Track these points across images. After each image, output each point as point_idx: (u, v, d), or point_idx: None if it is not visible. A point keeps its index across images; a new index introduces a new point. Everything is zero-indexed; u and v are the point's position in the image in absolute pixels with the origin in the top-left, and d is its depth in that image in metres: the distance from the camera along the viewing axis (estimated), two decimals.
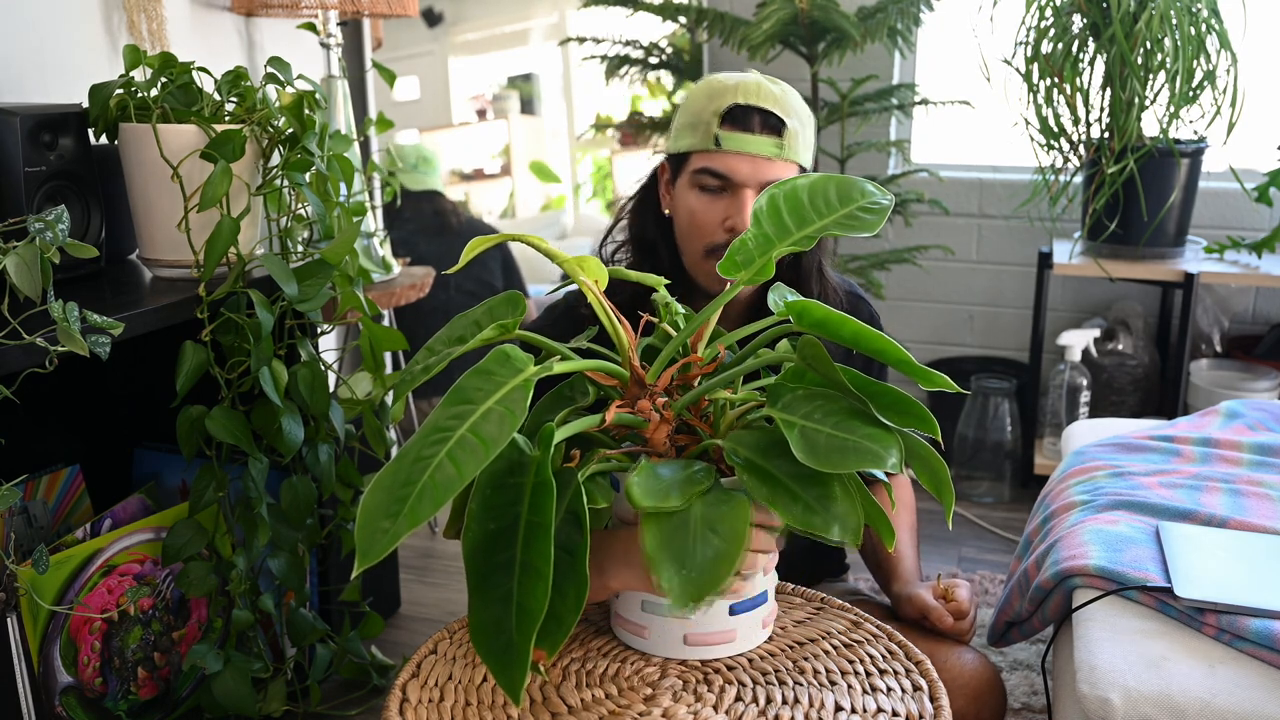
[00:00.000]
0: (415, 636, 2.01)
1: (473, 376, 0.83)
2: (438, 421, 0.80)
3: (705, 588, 0.79)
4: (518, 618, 0.78)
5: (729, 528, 0.82)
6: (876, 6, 2.46)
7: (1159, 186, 2.29)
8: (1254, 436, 1.58)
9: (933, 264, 2.83)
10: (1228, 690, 1.03)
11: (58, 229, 1.20)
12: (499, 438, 0.79)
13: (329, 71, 2.10)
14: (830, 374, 0.87)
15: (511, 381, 0.82)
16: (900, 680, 0.95)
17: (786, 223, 0.97)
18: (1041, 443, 2.63)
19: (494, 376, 0.83)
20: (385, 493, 0.77)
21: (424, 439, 0.79)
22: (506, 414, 0.80)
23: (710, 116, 1.25)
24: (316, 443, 1.59)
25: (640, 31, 2.83)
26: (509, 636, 0.78)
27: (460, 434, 0.79)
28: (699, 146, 1.26)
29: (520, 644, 0.77)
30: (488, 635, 0.79)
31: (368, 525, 0.77)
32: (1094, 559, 1.22)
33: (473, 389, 0.82)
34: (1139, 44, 2.16)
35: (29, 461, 1.60)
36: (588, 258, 0.90)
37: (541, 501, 0.80)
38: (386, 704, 0.92)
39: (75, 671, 1.48)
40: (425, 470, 0.77)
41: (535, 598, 0.77)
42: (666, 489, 0.83)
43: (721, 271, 0.94)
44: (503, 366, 0.84)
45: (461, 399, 0.81)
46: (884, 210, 0.99)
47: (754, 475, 0.84)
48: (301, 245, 1.58)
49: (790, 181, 1.00)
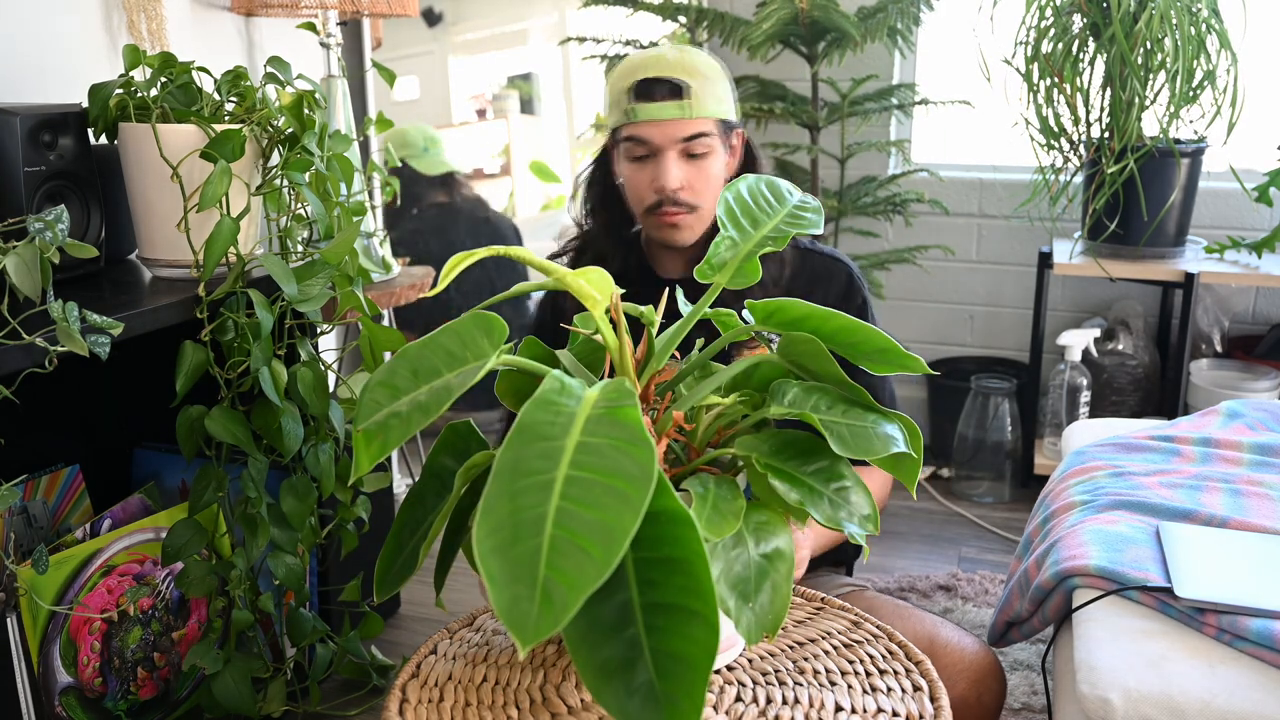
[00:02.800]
0: (415, 636, 2.01)
1: (537, 410, 0.71)
2: (519, 464, 0.66)
3: (776, 621, 0.77)
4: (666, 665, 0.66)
5: (777, 550, 0.80)
6: (876, 6, 2.46)
7: (1159, 186, 2.29)
8: (1254, 436, 1.58)
9: (933, 264, 2.83)
10: (1228, 690, 1.03)
11: (57, 229, 1.20)
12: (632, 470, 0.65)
13: (329, 71, 2.10)
14: (830, 370, 0.86)
15: (583, 412, 0.71)
16: (900, 680, 0.95)
17: (743, 223, 0.98)
18: (1041, 443, 2.63)
19: (558, 408, 0.72)
20: (504, 560, 0.62)
21: (509, 484, 0.65)
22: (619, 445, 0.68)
23: (622, 94, 1.42)
24: (316, 443, 1.59)
25: (640, 31, 2.83)
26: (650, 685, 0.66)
27: (571, 474, 0.65)
28: (620, 121, 1.43)
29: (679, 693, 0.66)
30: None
31: (511, 610, 0.60)
32: (1094, 559, 1.22)
33: (545, 423, 0.70)
34: (1139, 44, 2.16)
35: (29, 461, 1.60)
36: (590, 270, 0.84)
37: (683, 535, 0.68)
38: (386, 704, 0.92)
39: (75, 671, 1.48)
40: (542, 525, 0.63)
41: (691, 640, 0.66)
42: (721, 515, 0.79)
43: (700, 276, 0.94)
44: (562, 395, 0.73)
45: (537, 434, 0.69)
46: (817, 209, 1.01)
47: (782, 479, 0.83)
48: (301, 245, 1.58)
49: (734, 185, 1.01)
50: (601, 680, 0.67)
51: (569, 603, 0.59)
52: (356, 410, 0.78)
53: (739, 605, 0.77)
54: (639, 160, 1.43)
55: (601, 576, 0.60)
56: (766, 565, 0.79)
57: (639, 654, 0.67)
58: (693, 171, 1.42)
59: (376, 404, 0.78)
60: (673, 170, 1.40)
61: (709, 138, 1.42)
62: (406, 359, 0.79)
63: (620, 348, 0.88)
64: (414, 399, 0.78)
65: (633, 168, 1.45)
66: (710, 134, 1.42)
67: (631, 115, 1.41)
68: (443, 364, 0.79)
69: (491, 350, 0.80)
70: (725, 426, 0.92)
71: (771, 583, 0.78)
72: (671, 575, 0.68)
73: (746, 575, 0.79)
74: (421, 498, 0.91)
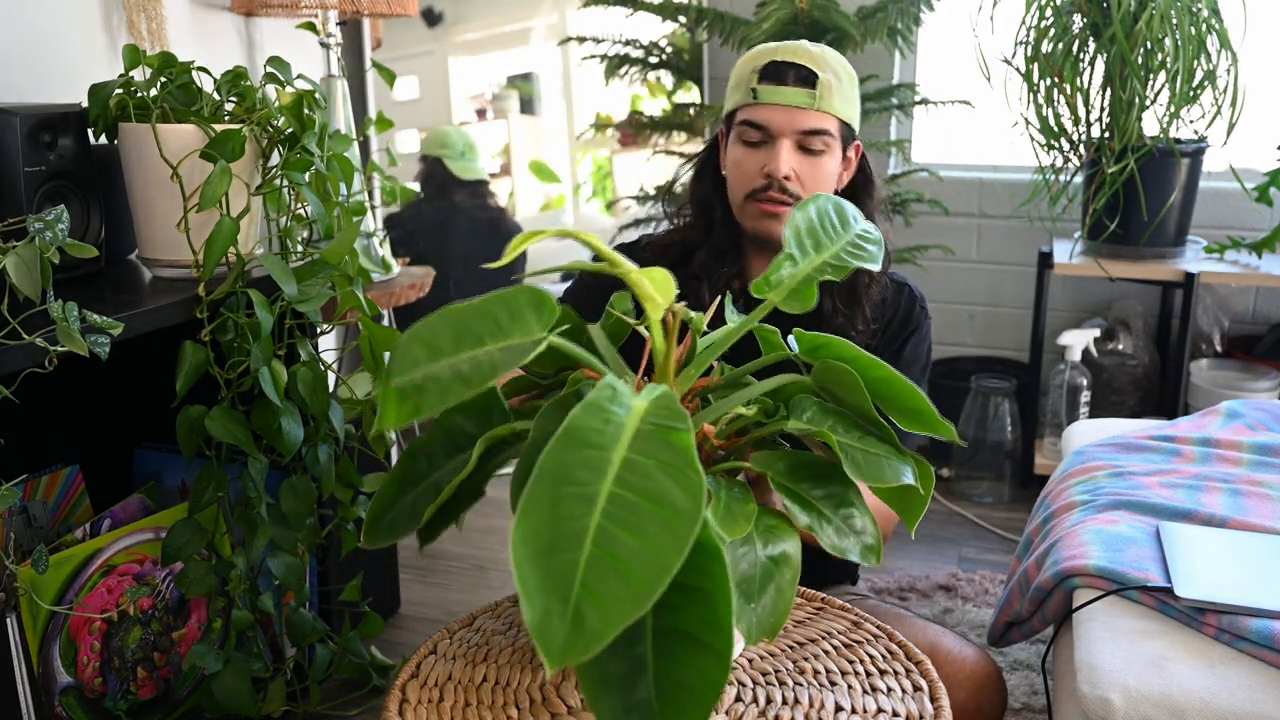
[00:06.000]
0: (415, 636, 2.01)
1: (586, 415, 0.68)
2: (561, 468, 0.64)
3: (777, 624, 0.76)
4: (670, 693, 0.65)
5: (784, 554, 0.80)
6: (876, 6, 2.46)
7: (1159, 186, 2.29)
8: (1254, 436, 1.58)
9: (933, 264, 2.83)
10: (1228, 690, 1.03)
11: (57, 229, 1.20)
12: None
13: (329, 71, 2.10)
14: (862, 404, 0.85)
15: (631, 424, 0.70)
16: (900, 680, 0.95)
17: (806, 244, 0.96)
18: (1041, 443, 2.63)
19: (607, 415, 0.69)
20: (538, 559, 0.61)
21: (551, 490, 0.63)
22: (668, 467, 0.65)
23: (749, 74, 1.36)
24: (316, 443, 1.59)
25: (640, 31, 2.83)
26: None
27: (614, 492, 0.63)
28: (740, 102, 1.37)
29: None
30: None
31: (542, 621, 0.59)
32: (1094, 559, 1.22)
33: (594, 430, 0.67)
34: (1139, 44, 2.16)
35: (29, 461, 1.60)
36: (655, 271, 0.81)
37: (711, 567, 0.67)
38: (386, 704, 0.92)
39: (75, 671, 1.48)
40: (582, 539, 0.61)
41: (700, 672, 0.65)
42: (734, 517, 0.79)
43: (755, 291, 0.93)
44: (613, 402, 0.71)
45: (584, 440, 0.66)
46: (878, 241, 0.99)
47: (795, 501, 0.82)
48: (301, 245, 1.58)
49: (806, 204, 0.98)
50: (600, 691, 0.67)
51: (601, 632, 0.58)
52: (390, 361, 0.74)
53: (741, 604, 0.77)
54: (752, 145, 1.37)
55: (638, 610, 0.58)
56: (772, 567, 0.79)
57: (642, 673, 0.67)
58: (806, 164, 1.36)
59: (414, 360, 0.74)
60: (785, 155, 1.34)
61: (829, 137, 1.36)
62: (450, 319, 0.76)
63: (667, 353, 0.86)
64: (455, 367, 0.74)
65: (744, 151, 1.37)
66: (831, 134, 1.36)
67: (755, 96, 1.35)
68: (487, 333, 0.76)
69: (540, 330, 0.77)
70: (737, 432, 0.92)
71: (776, 585, 0.78)
72: (692, 604, 0.67)
73: (752, 575, 0.78)
74: (428, 452, 0.87)
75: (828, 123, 1.35)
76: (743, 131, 1.37)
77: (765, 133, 1.35)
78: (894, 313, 1.45)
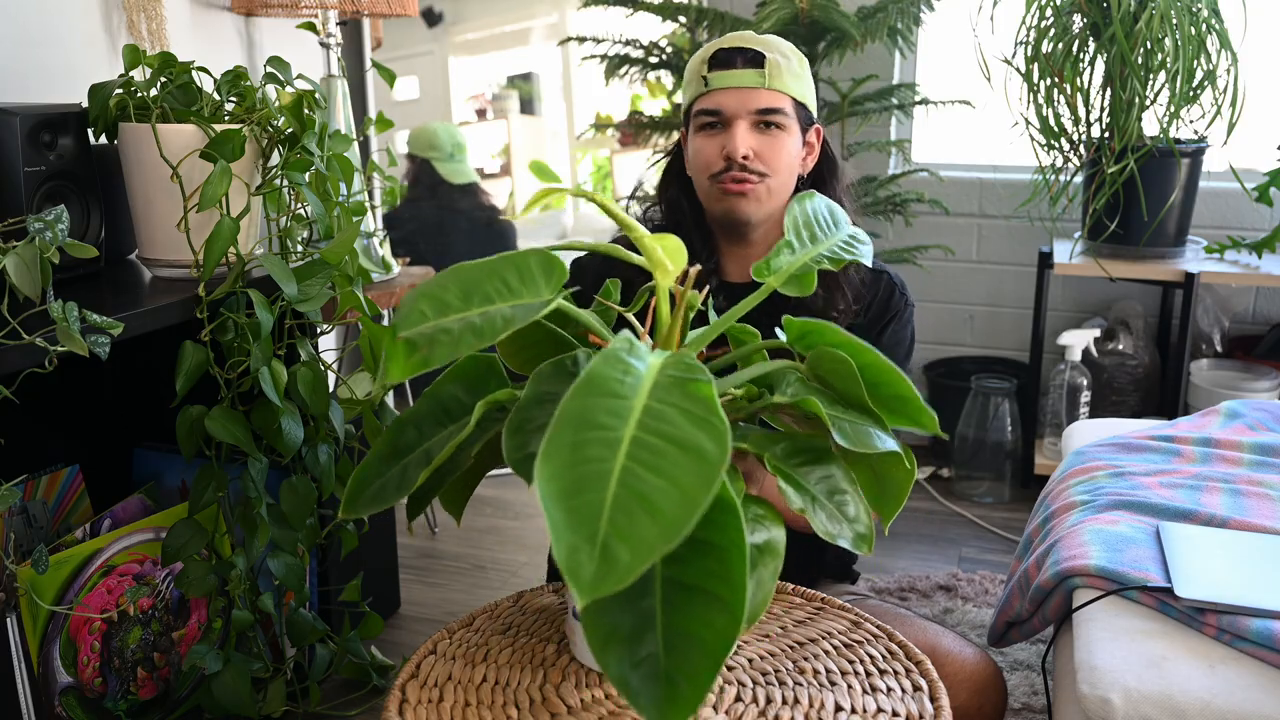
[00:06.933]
0: (415, 637, 2.01)
1: (605, 365, 0.69)
2: (584, 414, 0.64)
3: (755, 613, 0.76)
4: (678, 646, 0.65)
5: (769, 543, 0.79)
6: (876, 6, 2.46)
7: (1159, 186, 2.29)
8: (1254, 436, 1.58)
9: (933, 264, 2.83)
10: (1228, 690, 1.03)
11: (57, 229, 1.20)
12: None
13: (329, 71, 2.09)
14: (855, 392, 0.85)
15: (650, 376, 0.70)
16: (900, 680, 0.95)
17: (804, 236, 0.98)
18: (1042, 443, 2.63)
19: (626, 366, 0.70)
20: (564, 500, 0.61)
21: (573, 435, 0.63)
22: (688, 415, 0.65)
23: (700, 66, 1.40)
24: (316, 443, 1.59)
25: (640, 31, 2.82)
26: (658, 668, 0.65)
27: (638, 437, 0.64)
28: (695, 94, 1.41)
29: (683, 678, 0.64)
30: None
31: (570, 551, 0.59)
32: (1094, 559, 1.22)
33: (614, 379, 0.68)
34: (1139, 44, 2.16)
35: (29, 461, 1.60)
36: (667, 236, 0.83)
37: (727, 521, 0.67)
38: (386, 704, 0.92)
39: (75, 671, 1.48)
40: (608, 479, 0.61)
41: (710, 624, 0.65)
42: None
43: (755, 274, 0.94)
44: (631, 354, 0.71)
45: (604, 389, 0.66)
46: (867, 242, 1.02)
47: (791, 484, 0.82)
48: (301, 245, 1.58)
49: (803, 198, 1.01)
50: (606, 645, 0.66)
51: (631, 566, 0.57)
52: (396, 316, 0.73)
53: None
54: (709, 129, 1.39)
55: (668, 544, 0.58)
56: (756, 556, 0.78)
57: (650, 627, 0.66)
58: (765, 142, 1.37)
59: (422, 314, 0.74)
60: (742, 135, 1.36)
61: (784, 115, 1.37)
62: (459, 277, 0.76)
63: (673, 323, 0.87)
64: (466, 319, 0.74)
65: (703, 138, 1.40)
66: (785, 112, 1.38)
67: (707, 84, 1.37)
68: (496, 293, 0.76)
69: (550, 292, 0.78)
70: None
71: (758, 575, 0.78)
72: (703, 558, 0.66)
73: None
74: (418, 422, 0.86)
75: (781, 101, 1.38)
76: (700, 120, 1.40)
77: (720, 117, 1.38)
78: (873, 298, 1.46)
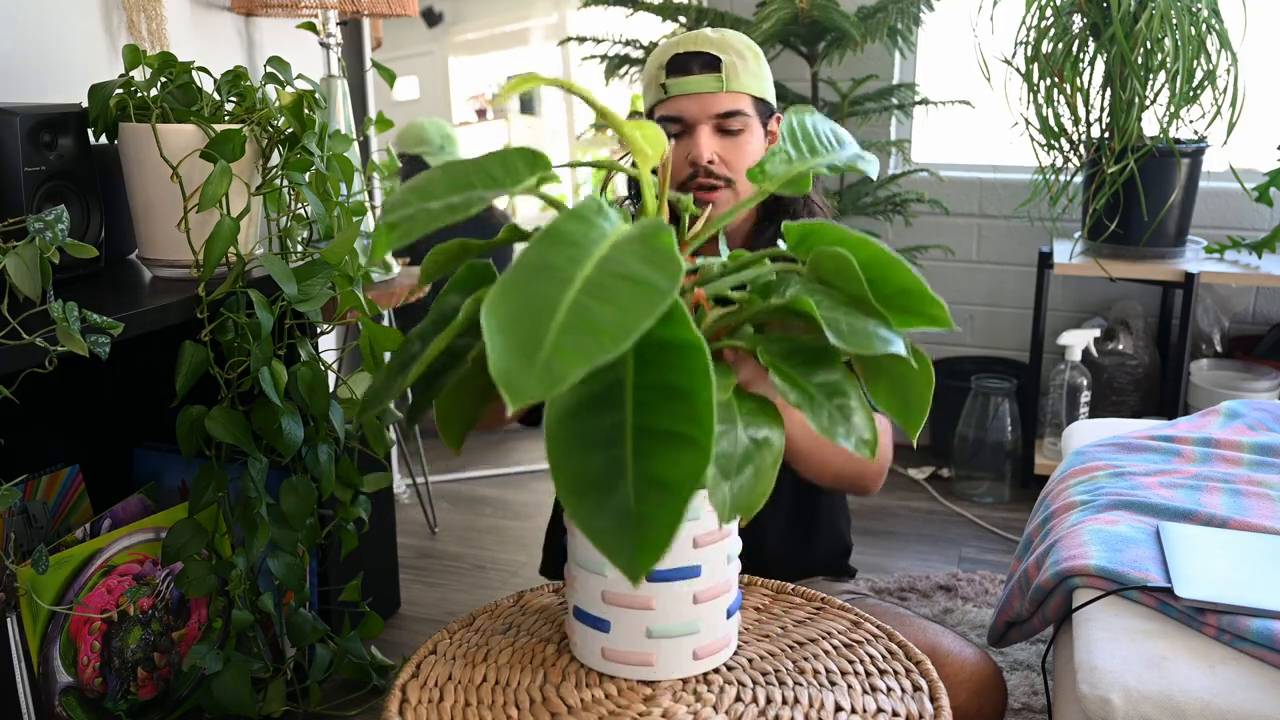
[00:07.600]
0: (415, 636, 2.01)
1: (570, 221, 0.70)
2: (544, 259, 0.65)
3: (753, 504, 0.75)
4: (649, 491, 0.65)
5: (766, 438, 0.78)
6: (876, 6, 2.46)
7: (1159, 186, 2.29)
8: (1254, 436, 1.58)
9: (933, 264, 2.83)
10: (1228, 690, 1.03)
11: (57, 229, 1.20)
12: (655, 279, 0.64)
13: (329, 71, 2.10)
14: (857, 290, 0.82)
15: (616, 233, 0.70)
16: (900, 680, 0.95)
17: (802, 148, 0.97)
18: (1041, 443, 2.63)
19: (591, 223, 0.70)
20: (513, 326, 0.60)
21: (527, 277, 0.63)
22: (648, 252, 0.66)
23: (656, 72, 1.39)
24: (316, 443, 1.59)
25: (640, 31, 2.82)
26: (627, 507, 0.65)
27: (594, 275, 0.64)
28: (654, 100, 1.40)
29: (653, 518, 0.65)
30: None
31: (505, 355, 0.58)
32: (1094, 559, 1.22)
33: (577, 233, 0.68)
34: (1139, 44, 2.16)
35: (29, 461, 1.60)
36: (646, 124, 0.82)
37: (692, 362, 0.67)
38: (386, 704, 0.92)
39: (75, 671, 1.48)
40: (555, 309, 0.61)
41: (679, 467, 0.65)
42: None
43: (750, 179, 0.94)
44: (598, 215, 0.71)
45: (566, 240, 0.67)
46: (872, 164, 1.01)
47: (784, 379, 0.81)
48: (301, 245, 1.58)
49: (800, 110, 1.00)
50: (577, 494, 0.66)
51: (566, 373, 0.57)
52: (384, 207, 0.75)
53: (718, 480, 0.76)
54: (673, 138, 1.38)
55: (606, 353, 0.58)
56: (753, 449, 0.78)
57: (621, 474, 0.66)
58: (728, 145, 1.37)
59: (407, 203, 0.76)
60: (705, 140, 1.36)
61: (745, 116, 1.37)
62: (448, 173, 0.77)
63: (657, 213, 0.86)
64: (447, 200, 0.76)
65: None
66: (746, 113, 1.38)
67: (666, 91, 1.37)
68: (480, 183, 0.78)
69: (532, 178, 0.80)
70: (726, 328, 0.89)
71: (756, 466, 0.77)
72: (671, 402, 0.67)
73: (731, 453, 0.77)
74: (422, 334, 0.88)
75: (740, 102, 1.38)
76: (663, 127, 1.39)
77: (682, 123, 1.37)
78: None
